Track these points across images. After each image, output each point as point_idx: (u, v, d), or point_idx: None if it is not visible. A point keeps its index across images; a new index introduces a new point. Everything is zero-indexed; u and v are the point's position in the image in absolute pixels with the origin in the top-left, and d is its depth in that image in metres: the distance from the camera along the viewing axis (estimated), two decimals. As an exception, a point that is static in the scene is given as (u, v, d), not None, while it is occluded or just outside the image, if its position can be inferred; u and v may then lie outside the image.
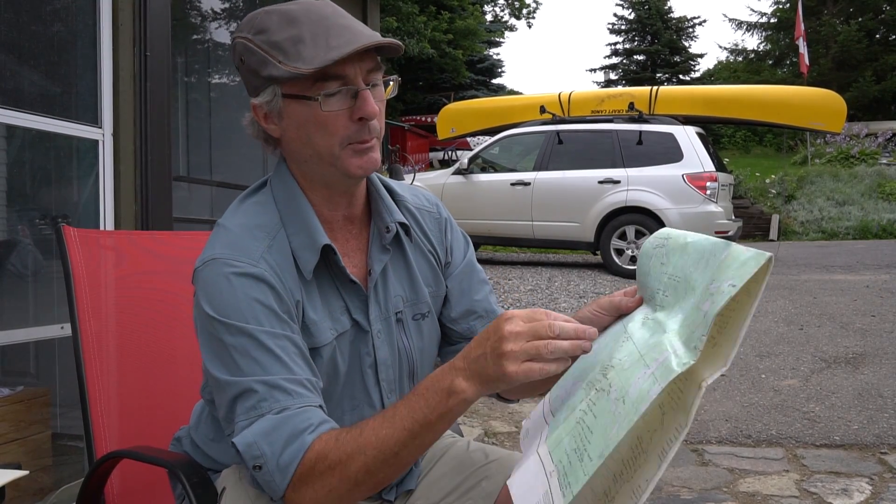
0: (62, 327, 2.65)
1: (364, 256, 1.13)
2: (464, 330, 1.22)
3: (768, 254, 0.72)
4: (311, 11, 1.02)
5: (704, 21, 54.02)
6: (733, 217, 8.44)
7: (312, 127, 1.02)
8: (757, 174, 16.77)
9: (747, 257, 0.74)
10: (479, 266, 1.27)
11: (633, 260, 7.70)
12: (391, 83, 1.09)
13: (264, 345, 0.96)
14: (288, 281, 1.02)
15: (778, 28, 28.57)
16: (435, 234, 1.22)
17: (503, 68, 30.47)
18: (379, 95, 1.05)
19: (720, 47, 69.30)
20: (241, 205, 1.11)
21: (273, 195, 1.10)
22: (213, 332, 0.98)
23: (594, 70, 40.95)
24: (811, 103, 8.99)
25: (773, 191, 15.36)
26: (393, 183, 1.21)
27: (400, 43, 1.04)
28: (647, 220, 7.77)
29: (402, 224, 1.14)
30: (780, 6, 28.59)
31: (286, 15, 1.02)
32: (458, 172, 8.87)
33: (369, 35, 1.01)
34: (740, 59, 30.86)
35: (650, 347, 0.80)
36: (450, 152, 16.28)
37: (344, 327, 1.08)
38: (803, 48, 17.35)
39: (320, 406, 0.97)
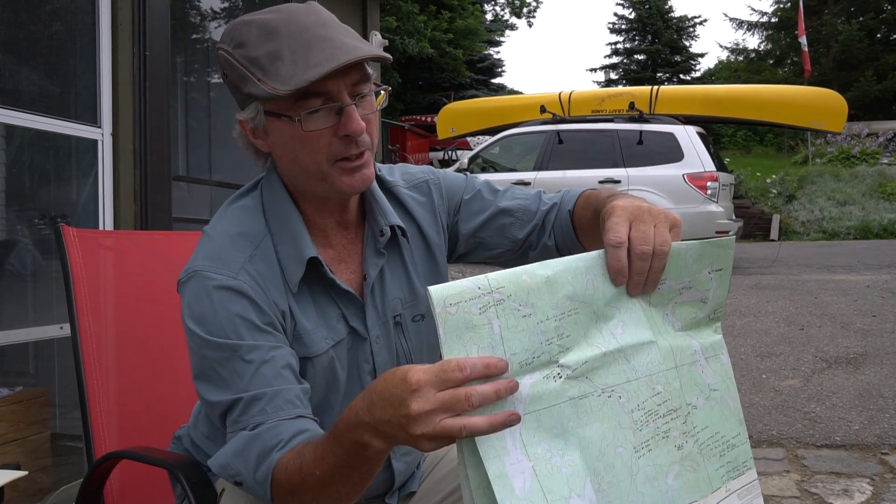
0: (61, 327, 2.64)
1: (359, 260, 1.11)
2: (488, 237, 1.20)
3: (715, 239, 0.88)
4: (290, 22, 0.97)
5: (705, 20, 54.10)
6: (734, 217, 8.43)
7: (297, 145, 0.99)
8: (758, 174, 16.76)
9: (711, 249, 0.88)
10: (482, 189, 1.22)
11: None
12: (381, 93, 1.04)
13: (244, 359, 0.95)
14: (271, 291, 1.00)
15: (779, 28, 28.54)
16: (430, 214, 1.18)
17: (503, 68, 30.47)
18: (368, 107, 1.01)
19: (721, 47, 69.32)
20: (227, 209, 1.09)
21: (262, 200, 1.08)
22: (196, 346, 0.98)
23: (594, 70, 40.90)
24: (812, 103, 8.97)
25: (774, 191, 15.35)
26: (384, 169, 1.19)
27: (385, 55, 1.00)
28: (648, 219, 7.76)
29: (398, 227, 1.12)
30: (781, 6, 28.56)
31: (265, 27, 0.97)
32: (458, 172, 8.86)
33: (351, 48, 0.95)
34: (741, 58, 30.83)
35: (674, 355, 0.85)
36: (450, 152, 16.27)
37: (340, 336, 1.06)
38: (805, 47, 17.33)
39: (300, 416, 0.95)
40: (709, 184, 7.67)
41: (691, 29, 32.92)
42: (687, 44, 32.77)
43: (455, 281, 0.75)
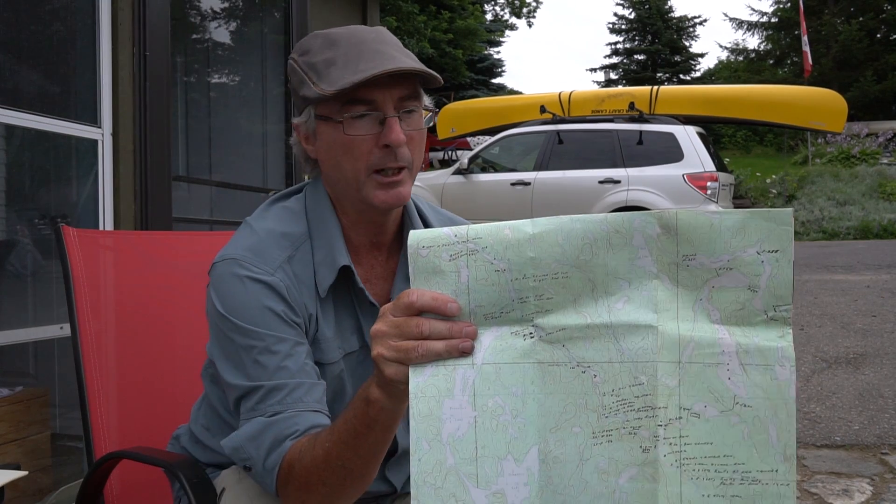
0: (61, 327, 2.64)
1: (388, 285, 1.12)
2: None
3: (781, 211, 0.71)
4: (353, 35, 1.03)
5: (705, 20, 54.09)
6: (734, 217, 8.43)
7: (339, 150, 1.03)
8: (757, 174, 16.76)
9: (759, 222, 0.71)
10: None
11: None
12: (430, 113, 1.08)
13: (270, 349, 0.97)
14: (303, 294, 1.03)
15: (778, 28, 28.54)
16: None
17: (503, 68, 30.44)
18: (414, 124, 1.04)
19: (721, 47, 69.22)
20: (272, 206, 1.11)
21: (306, 205, 1.10)
22: (223, 329, 1.00)
23: (594, 70, 40.87)
24: (812, 103, 8.98)
25: (774, 191, 15.35)
26: (427, 209, 1.20)
27: (435, 74, 1.03)
28: (648, 219, 7.78)
29: None
30: (781, 6, 28.56)
31: (329, 38, 1.04)
32: (458, 172, 8.88)
33: (400, 61, 1.00)
34: (741, 58, 30.82)
35: (681, 348, 0.71)
36: (450, 152, 16.26)
37: (353, 347, 1.08)
38: (806, 46, 17.32)
39: (318, 411, 0.96)
40: (709, 184, 7.68)
41: (691, 29, 32.91)
42: (687, 44, 32.77)
43: (437, 228, 0.77)
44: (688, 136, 7.89)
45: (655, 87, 9.38)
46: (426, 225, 1.16)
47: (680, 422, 0.70)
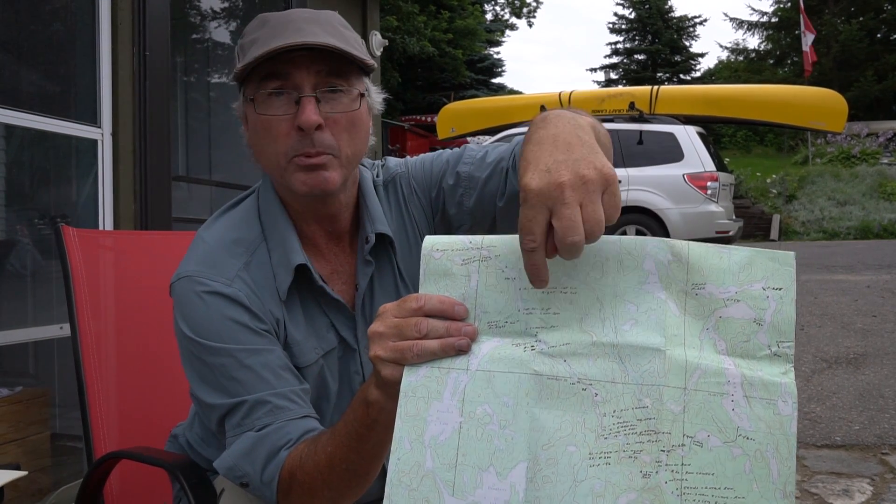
0: (61, 327, 2.64)
1: (353, 275, 1.07)
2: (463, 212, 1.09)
3: (790, 253, 0.72)
4: (283, 16, 0.97)
5: (705, 20, 54.06)
6: (734, 217, 8.43)
7: (260, 133, 0.97)
8: (758, 174, 16.76)
9: (764, 261, 0.72)
10: (448, 157, 1.13)
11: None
12: (363, 95, 0.99)
13: (244, 363, 0.94)
14: (266, 299, 0.99)
15: (779, 27, 28.55)
16: (416, 209, 1.11)
17: (503, 68, 30.43)
18: (339, 106, 0.96)
19: (721, 47, 69.28)
20: (222, 215, 1.07)
21: (258, 206, 1.05)
22: (193, 352, 0.96)
23: (594, 69, 40.95)
24: (812, 103, 8.97)
25: (774, 191, 15.35)
26: (382, 191, 1.11)
27: (359, 55, 0.95)
28: (648, 220, 7.77)
29: (386, 235, 1.06)
30: (781, 6, 28.57)
31: (262, 19, 0.99)
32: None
33: (312, 36, 0.93)
34: (741, 58, 30.83)
35: (687, 374, 0.69)
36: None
37: (331, 345, 1.04)
38: (806, 46, 17.32)
39: (306, 416, 0.94)
40: (709, 184, 7.67)
41: (691, 29, 32.93)
42: (687, 44, 32.79)
43: (453, 235, 0.77)
44: (688, 136, 7.89)
45: (655, 87, 9.37)
46: (385, 210, 1.09)
47: (682, 449, 0.68)
